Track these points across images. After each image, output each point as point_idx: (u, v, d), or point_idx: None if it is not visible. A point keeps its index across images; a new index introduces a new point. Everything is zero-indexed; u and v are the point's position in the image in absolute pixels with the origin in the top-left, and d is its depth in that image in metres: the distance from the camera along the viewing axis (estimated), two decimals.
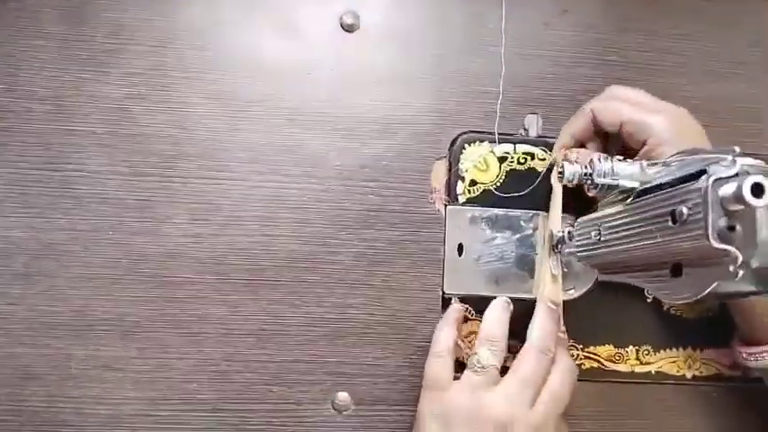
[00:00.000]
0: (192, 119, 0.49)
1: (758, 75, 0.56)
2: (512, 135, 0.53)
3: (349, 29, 0.52)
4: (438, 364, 0.45)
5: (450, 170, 0.52)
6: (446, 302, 0.51)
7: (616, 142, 0.49)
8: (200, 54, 0.50)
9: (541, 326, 0.45)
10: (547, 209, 0.51)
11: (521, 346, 0.45)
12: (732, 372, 0.53)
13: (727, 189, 0.31)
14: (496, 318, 0.46)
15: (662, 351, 0.53)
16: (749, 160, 0.34)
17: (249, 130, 0.50)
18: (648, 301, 0.51)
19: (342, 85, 0.51)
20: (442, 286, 0.51)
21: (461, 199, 0.52)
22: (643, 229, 0.37)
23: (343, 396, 0.49)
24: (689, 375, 0.53)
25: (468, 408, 0.42)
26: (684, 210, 0.33)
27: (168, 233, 0.49)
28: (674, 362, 0.53)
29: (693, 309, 0.53)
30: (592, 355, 0.52)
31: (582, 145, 0.50)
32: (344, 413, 0.49)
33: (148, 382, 0.48)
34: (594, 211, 0.45)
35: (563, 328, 0.47)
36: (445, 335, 0.47)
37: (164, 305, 0.48)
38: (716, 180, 0.32)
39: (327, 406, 0.49)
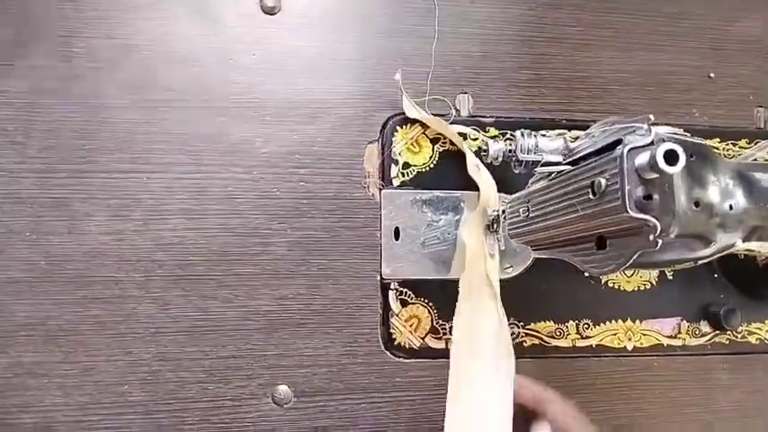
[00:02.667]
0: (106, 111, 0.47)
1: (685, 46, 0.56)
2: (443, 116, 0.52)
3: (270, 11, 0.50)
4: None
5: (382, 153, 0.51)
6: (385, 288, 0.50)
7: None
8: (110, 43, 0.47)
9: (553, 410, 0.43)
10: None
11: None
12: (672, 341, 0.54)
13: (642, 158, 0.31)
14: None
15: (601, 324, 0.53)
16: (665, 128, 0.34)
17: (168, 120, 0.48)
18: (586, 275, 0.52)
19: (265, 70, 0.50)
20: (380, 272, 0.50)
21: (396, 182, 0.51)
22: (566, 202, 0.36)
23: (282, 389, 0.48)
24: (629, 347, 0.53)
25: None
26: (602, 181, 0.33)
27: (88, 231, 0.47)
28: (614, 334, 0.53)
29: (630, 281, 0.53)
30: (532, 332, 0.52)
31: None
32: (285, 406, 0.48)
33: (76, 386, 0.46)
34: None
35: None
36: None
37: (88, 306, 0.46)
38: (631, 149, 0.31)
39: (267, 400, 0.48)
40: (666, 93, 0.55)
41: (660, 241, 0.32)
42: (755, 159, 0.54)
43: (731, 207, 0.35)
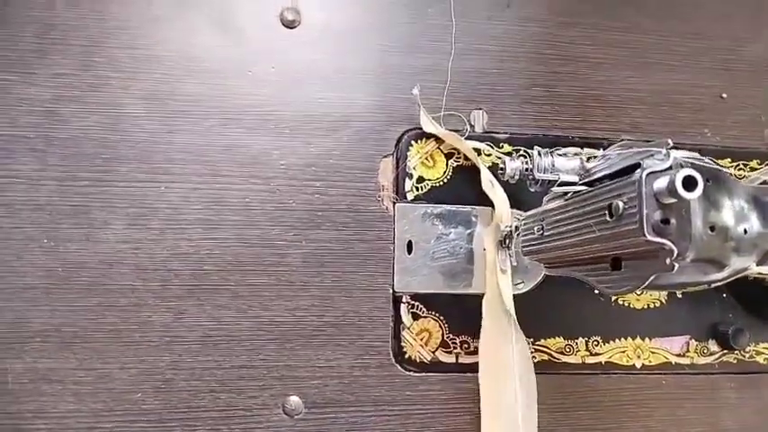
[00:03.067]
0: (126, 120, 0.48)
1: (698, 66, 0.56)
2: (458, 131, 0.52)
3: (290, 25, 0.51)
4: None
5: (397, 167, 0.52)
6: (396, 301, 0.51)
7: None
8: (132, 53, 0.48)
9: None
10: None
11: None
12: (680, 360, 0.54)
13: (661, 182, 0.31)
14: None
15: (611, 342, 0.53)
16: (684, 153, 0.34)
17: (187, 131, 0.48)
18: (596, 292, 0.52)
19: (284, 83, 0.50)
20: (392, 285, 0.51)
21: (409, 196, 0.52)
22: (582, 223, 0.37)
23: (294, 400, 0.49)
24: (638, 365, 0.54)
25: None
26: (620, 204, 0.33)
27: (105, 239, 0.47)
28: (623, 352, 0.54)
29: (640, 299, 0.54)
30: (542, 348, 0.53)
31: None
32: (296, 417, 0.49)
33: (90, 393, 0.46)
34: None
35: None
36: None
37: (103, 314, 0.47)
38: (649, 174, 0.32)
39: (278, 411, 0.48)
40: (679, 112, 0.56)
41: (677, 265, 0.32)
42: (765, 181, 0.55)
43: (746, 231, 0.35)
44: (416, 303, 0.51)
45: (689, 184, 0.30)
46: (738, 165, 0.56)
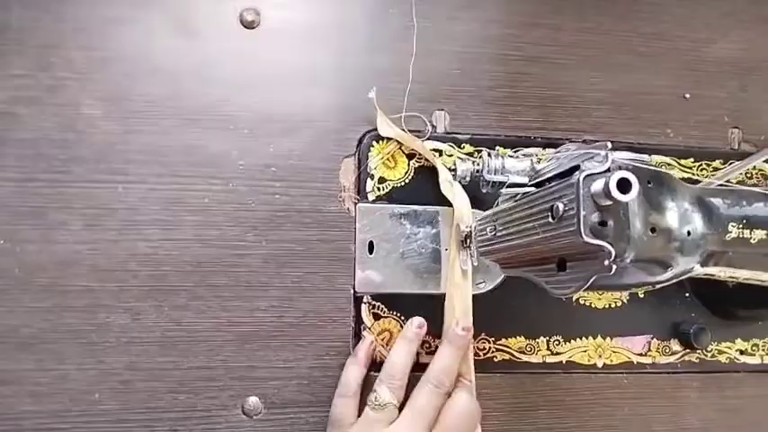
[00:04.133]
0: (83, 121, 0.48)
1: (661, 66, 0.56)
2: (419, 131, 0.52)
3: (249, 25, 0.50)
4: (343, 405, 0.46)
5: (358, 168, 0.52)
6: (357, 301, 0.51)
7: None
8: (88, 54, 0.48)
9: (440, 361, 0.46)
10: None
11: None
12: (642, 359, 0.55)
13: (597, 185, 0.31)
14: (399, 356, 0.47)
15: (572, 341, 0.54)
16: (624, 155, 0.35)
17: (145, 132, 0.48)
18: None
19: (243, 84, 0.50)
20: (353, 285, 0.51)
21: (371, 197, 0.52)
22: (529, 224, 0.37)
23: (253, 401, 0.49)
24: (599, 364, 0.54)
25: None
26: (560, 206, 0.33)
27: (63, 240, 0.47)
28: (584, 351, 0.54)
29: (601, 298, 0.54)
30: (503, 348, 0.53)
31: None
32: (255, 417, 0.49)
33: (48, 394, 0.46)
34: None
35: (470, 378, 0.48)
36: (353, 375, 0.47)
37: (61, 314, 0.47)
38: (587, 176, 0.32)
39: (237, 411, 0.49)
40: (642, 113, 0.56)
41: (615, 266, 0.32)
42: (728, 180, 0.55)
43: (689, 233, 0.36)
44: (378, 303, 0.51)
45: (623, 186, 0.30)
46: (701, 165, 0.56)
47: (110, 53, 0.48)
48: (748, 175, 0.56)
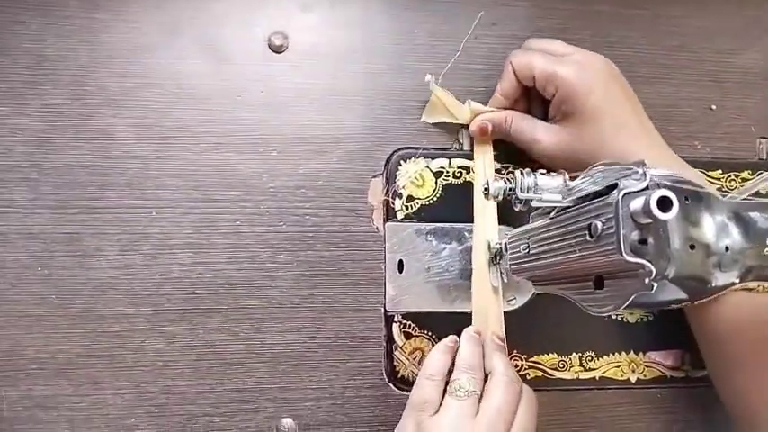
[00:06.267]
0: (117, 148, 0.49)
1: (686, 78, 0.56)
2: (446, 150, 0.53)
3: (277, 50, 0.51)
4: (430, 387, 0.44)
5: (386, 187, 0.52)
6: (388, 320, 0.51)
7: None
8: (121, 81, 0.49)
9: (502, 358, 0.45)
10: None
11: None
12: (675, 373, 0.54)
13: (637, 203, 0.31)
14: (472, 349, 0.46)
15: (605, 356, 0.53)
16: (662, 172, 0.35)
17: (177, 157, 0.49)
18: None
19: (272, 107, 0.51)
20: (384, 304, 0.51)
21: (400, 215, 0.52)
22: (565, 242, 0.37)
23: (287, 422, 0.49)
24: (633, 379, 0.54)
25: None
26: (599, 224, 0.33)
27: (98, 266, 0.48)
28: (617, 366, 0.53)
29: (633, 313, 0.54)
30: (536, 365, 0.53)
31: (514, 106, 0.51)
32: None
33: (85, 419, 0.47)
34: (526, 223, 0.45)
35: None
36: (440, 360, 0.45)
37: (97, 340, 0.47)
38: (626, 194, 0.32)
39: None
40: (669, 126, 0.55)
41: (656, 284, 0.32)
42: (758, 191, 0.55)
43: (727, 248, 0.36)
44: (408, 322, 0.51)
45: (664, 204, 0.30)
46: (730, 176, 0.56)
47: (142, 80, 0.49)
48: None
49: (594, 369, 0.53)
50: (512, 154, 0.53)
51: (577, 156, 0.47)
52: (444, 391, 0.43)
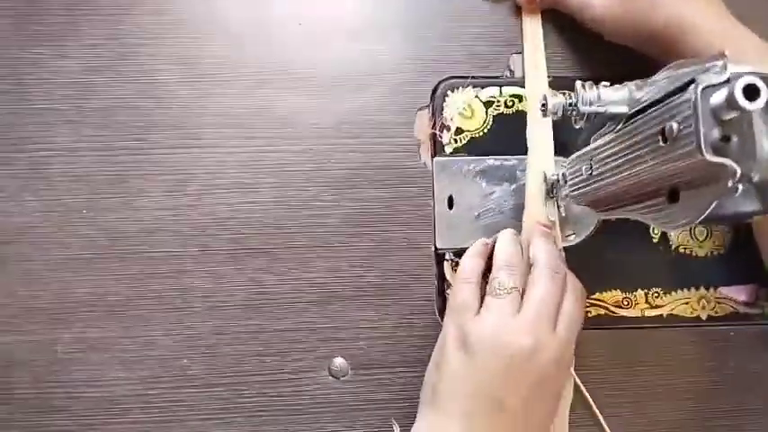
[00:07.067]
0: (158, 87, 0.48)
1: None
2: (497, 78, 0.50)
3: None
4: (467, 290, 0.42)
5: (434, 120, 0.49)
6: (440, 258, 0.49)
7: None
8: (157, 19, 0.48)
9: (545, 247, 0.43)
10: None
11: None
12: (750, 309, 0.50)
13: (719, 96, 0.28)
14: (508, 244, 0.44)
15: (673, 293, 0.50)
16: (743, 66, 0.31)
17: (218, 95, 0.48)
18: (654, 241, 0.49)
19: (311, 41, 0.49)
20: (434, 242, 0.49)
21: (448, 149, 0.50)
22: (635, 154, 0.34)
23: (339, 362, 0.48)
24: (703, 316, 0.50)
25: (493, 335, 0.40)
26: (674, 125, 0.30)
27: (144, 207, 0.47)
28: (686, 303, 0.50)
29: (703, 246, 0.50)
30: (598, 302, 0.50)
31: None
32: (342, 379, 0.48)
33: (136, 360, 0.46)
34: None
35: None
36: (475, 263, 0.44)
37: (145, 281, 0.47)
38: (705, 88, 0.29)
39: (324, 373, 0.48)
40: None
41: (740, 187, 0.29)
42: None
43: None
44: (460, 260, 0.49)
45: (751, 92, 0.27)
46: None
47: (178, 16, 0.48)
48: None
49: (662, 306, 0.50)
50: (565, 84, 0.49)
51: (631, 18, 0.45)
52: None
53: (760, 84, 0.27)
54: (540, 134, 0.47)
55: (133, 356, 0.46)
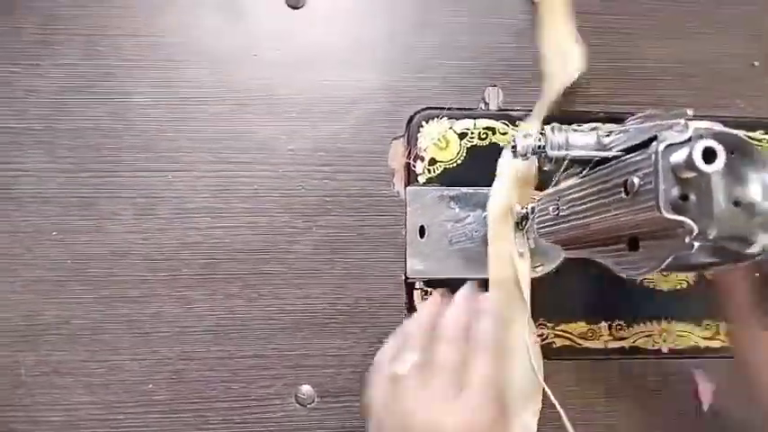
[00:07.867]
0: (132, 109, 0.47)
1: (729, 34, 0.53)
2: (471, 110, 0.50)
3: (295, 5, 0.49)
4: (392, 345, 0.45)
5: (408, 150, 0.50)
6: (409, 287, 0.49)
7: None
8: (135, 41, 0.47)
9: (449, 312, 0.45)
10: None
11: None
12: (710, 343, 0.52)
13: (679, 156, 0.29)
14: (427, 307, 0.46)
15: (635, 325, 0.51)
16: (704, 123, 0.32)
17: (193, 118, 0.48)
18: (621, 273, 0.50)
19: (289, 66, 0.49)
20: (405, 271, 0.49)
21: (421, 179, 0.50)
22: (598, 201, 0.35)
23: (306, 389, 0.48)
24: (665, 349, 0.51)
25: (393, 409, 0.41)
26: (636, 180, 0.31)
27: (114, 230, 0.47)
28: (649, 336, 0.51)
29: (667, 280, 0.51)
30: (563, 333, 0.51)
31: None
32: (309, 406, 0.48)
33: (102, 385, 0.46)
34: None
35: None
36: (423, 314, 0.46)
37: (113, 305, 0.46)
38: (667, 146, 0.30)
39: (291, 400, 0.48)
40: (710, 83, 0.52)
41: (696, 244, 0.30)
42: None
43: None
44: (430, 289, 0.50)
45: (709, 155, 0.28)
46: None
47: (156, 39, 0.48)
48: None
49: (625, 338, 0.51)
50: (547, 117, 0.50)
51: None
52: None
53: (717, 147, 0.28)
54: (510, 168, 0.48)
55: (98, 381, 0.46)
